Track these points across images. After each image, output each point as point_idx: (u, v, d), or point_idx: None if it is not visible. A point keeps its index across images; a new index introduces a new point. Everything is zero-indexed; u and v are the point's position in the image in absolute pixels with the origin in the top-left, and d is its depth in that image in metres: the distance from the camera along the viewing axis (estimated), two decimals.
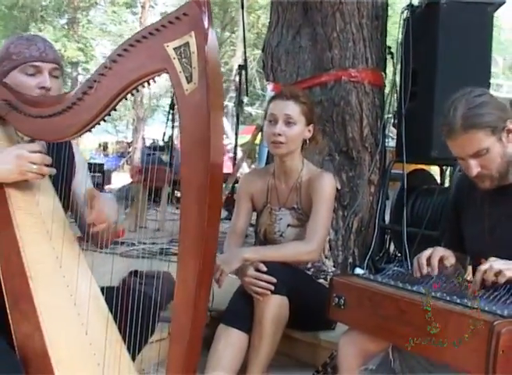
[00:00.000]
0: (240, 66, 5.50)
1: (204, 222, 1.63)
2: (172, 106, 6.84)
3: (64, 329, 1.92)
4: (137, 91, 1.86)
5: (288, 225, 2.91)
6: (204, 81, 1.63)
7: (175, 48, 1.68)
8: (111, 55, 1.84)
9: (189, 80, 1.65)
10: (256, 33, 25.63)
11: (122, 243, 4.81)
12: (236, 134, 7.06)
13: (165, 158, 7.10)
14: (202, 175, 1.64)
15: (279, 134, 2.78)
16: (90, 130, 1.97)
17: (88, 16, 28.50)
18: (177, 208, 7.58)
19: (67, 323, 1.95)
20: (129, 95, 1.87)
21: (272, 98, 2.93)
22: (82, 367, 1.90)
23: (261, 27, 27.54)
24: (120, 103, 1.93)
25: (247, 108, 22.75)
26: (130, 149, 26.30)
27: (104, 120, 1.93)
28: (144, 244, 4.97)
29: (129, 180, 7.63)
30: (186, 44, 1.66)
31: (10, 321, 1.90)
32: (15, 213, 2.02)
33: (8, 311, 1.91)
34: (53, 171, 2.07)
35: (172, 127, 6.96)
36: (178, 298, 1.71)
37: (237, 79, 5.96)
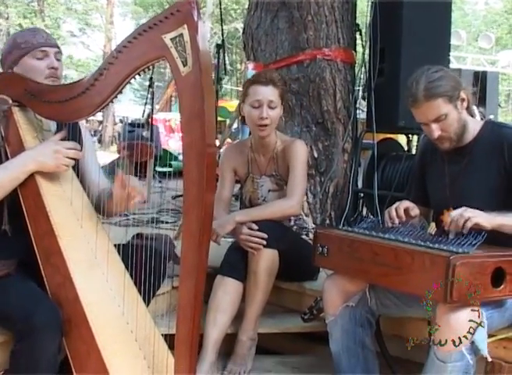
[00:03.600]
0: (217, 44, 5.71)
1: (204, 179, 1.89)
2: (150, 85, 6.97)
3: (89, 277, 2.20)
4: (140, 75, 2.11)
5: (269, 190, 3.18)
6: (197, 64, 1.89)
7: (171, 39, 1.94)
8: (117, 47, 2.11)
9: (184, 64, 1.91)
10: (224, 9, 25.60)
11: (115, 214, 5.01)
12: (216, 109, 7.20)
13: (146, 134, 7.24)
14: (200, 142, 1.90)
15: (266, 118, 3.02)
16: (100, 111, 2.27)
17: None
18: (160, 181, 7.79)
19: (91, 273, 2.23)
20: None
21: (251, 83, 3.07)
22: (107, 308, 2.19)
23: (227, 2, 27.51)
24: None
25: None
26: (101, 127, 26.00)
27: (112, 101, 2.19)
28: (135, 214, 5.10)
29: (116, 156, 7.75)
30: (181, 35, 1.92)
31: (43, 274, 2.18)
32: (41, 183, 2.29)
33: (40, 266, 2.19)
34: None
35: (152, 104, 7.11)
36: (184, 244, 1.97)
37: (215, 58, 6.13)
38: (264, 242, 2.84)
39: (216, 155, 2.07)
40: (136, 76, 2.13)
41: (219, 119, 13.35)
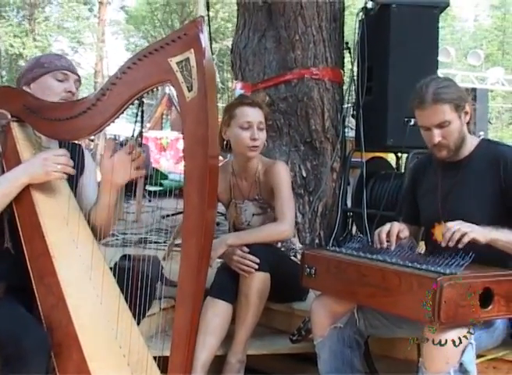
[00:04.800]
0: None
1: (205, 204, 1.89)
2: (140, 103, 6.94)
3: (83, 299, 2.17)
4: (143, 97, 2.12)
5: (253, 214, 3.16)
6: (203, 90, 1.90)
7: (177, 63, 1.94)
8: (121, 68, 2.09)
9: (189, 89, 1.92)
10: (215, 28, 25.80)
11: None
12: None
13: None
14: (202, 167, 1.90)
15: (258, 139, 3.01)
16: (100, 131, 2.23)
17: (45, 13, 28.20)
18: (149, 200, 7.77)
19: (85, 294, 2.20)
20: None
21: (237, 105, 3.06)
22: (100, 331, 2.16)
23: (219, 21, 27.68)
24: None
25: None
26: (92, 145, 26.00)
27: (114, 121, 2.17)
28: (125, 234, 5.08)
29: None
30: (187, 60, 1.93)
31: (36, 295, 2.14)
32: (37, 202, 2.26)
33: (34, 287, 2.15)
34: (74, 171, 2.32)
35: (142, 123, 7.09)
36: (182, 269, 1.95)
37: None
38: (257, 266, 2.83)
39: (218, 166, 2.06)
40: None
41: None
